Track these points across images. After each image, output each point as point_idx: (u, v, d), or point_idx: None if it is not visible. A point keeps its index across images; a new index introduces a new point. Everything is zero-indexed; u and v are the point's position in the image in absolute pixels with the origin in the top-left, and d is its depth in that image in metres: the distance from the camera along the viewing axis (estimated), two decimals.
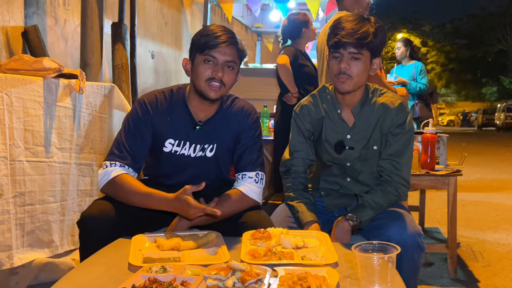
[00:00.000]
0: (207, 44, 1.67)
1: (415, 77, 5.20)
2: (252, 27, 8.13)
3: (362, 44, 1.69)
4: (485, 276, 2.88)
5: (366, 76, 1.77)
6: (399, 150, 1.79)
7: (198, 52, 1.70)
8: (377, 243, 1.27)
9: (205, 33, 1.69)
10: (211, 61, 1.68)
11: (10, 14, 2.84)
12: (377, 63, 1.77)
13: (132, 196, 1.65)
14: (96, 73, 3.28)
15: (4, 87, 2.10)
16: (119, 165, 1.69)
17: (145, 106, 1.77)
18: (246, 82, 4.61)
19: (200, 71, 1.69)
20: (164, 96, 1.80)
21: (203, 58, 1.69)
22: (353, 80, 1.72)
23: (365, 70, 1.74)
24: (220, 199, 1.72)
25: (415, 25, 41.94)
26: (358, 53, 1.70)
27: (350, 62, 1.71)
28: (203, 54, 1.68)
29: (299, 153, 1.91)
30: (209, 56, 1.68)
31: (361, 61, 1.71)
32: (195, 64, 1.71)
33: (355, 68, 1.71)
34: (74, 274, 1.33)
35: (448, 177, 2.76)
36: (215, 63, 1.68)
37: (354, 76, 1.72)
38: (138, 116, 1.76)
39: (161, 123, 1.76)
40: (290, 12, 4.06)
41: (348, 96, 1.80)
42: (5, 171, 2.10)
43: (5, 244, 2.12)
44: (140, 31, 4.53)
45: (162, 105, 1.78)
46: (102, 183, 1.69)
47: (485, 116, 31.36)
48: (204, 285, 1.18)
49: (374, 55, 1.74)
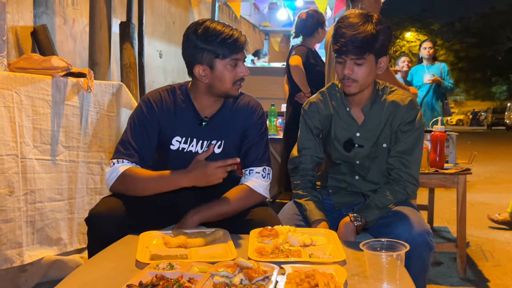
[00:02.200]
0: (230, 49, 1.65)
1: (443, 77, 5.40)
2: (259, 26, 8.13)
3: (363, 50, 1.67)
4: (495, 275, 2.85)
5: (373, 77, 1.76)
6: (408, 147, 1.78)
7: (219, 58, 1.67)
8: (386, 241, 1.26)
9: (219, 37, 1.64)
10: (234, 64, 1.68)
11: (19, 14, 2.85)
12: (384, 61, 1.75)
13: (145, 183, 1.64)
14: (104, 72, 3.29)
15: (14, 86, 2.12)
16: (126, 162, 1.69)
17: (150, 103, 1.76)
18: (254, 81, 4.60)
19: (226, 75, 1.69)
20: (167, 93, 1.80)
21: (227, 63, 1.67)
22: (358, 83, 1.72)
23: (371, 72, 1.73)
24: (227, 195, 1.72)
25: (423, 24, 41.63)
26: (361, 59, 1.68)
27: (354, 67, 1.69)
28: (228, 59, 1.67)
29: (308, 150, 1.90)
30: (234, 61, 1.68)
31: (365, 65, 1.70)
32: (216, 70, 1.68)
33: (359, 72, 1.70)
34: (82, 271, 1.34)
35: (457, 176, 2.74)
36: (238, 64, 1.69)
37: (360, 79, 1.71)
38: (144, 114, 1.76)
39: (167, 120, 1.76)
40: (309, 8, 4.01)
41: (357, 95, 1.79)
42: (16, 169, 2.12)
43: (16, 241, 2.13)
44: (148, 30, 4.54)
45: (167, 103, 1.78)
46: (111, 180, 1.68)
47: (495, 115, 31.05)
48: (211, 282, 1.17)
49: (379, 55, 1.72)
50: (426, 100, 5.48)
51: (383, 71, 1.77)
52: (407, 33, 40.01)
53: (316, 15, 3.81)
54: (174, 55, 5.40)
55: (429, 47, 5.53)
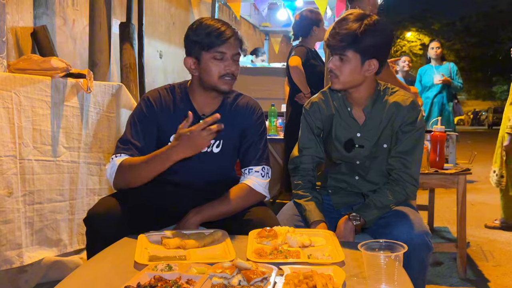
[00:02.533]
0: (214, 41, 1.67)
1: (452, 77, 5.45)
2: (259, 26, 8.13)
3: (343, 46, 1.68)
4: (495, 275, 2.85)
5: (358, 77, 1.74)
6: (409, 148, 1.78)
7: (204, 50, 1.70)
8: (384, 242, 1.26)
9: (207, 30, 1.69)
10: (220, 57, 1.69)
11: (19, 14, 2.85)
12: (374, 64, 1.72)
13: (140, 168, 1.63)
14: (104, 72, 3.29)
15: (13, 87, 2.12)
16: (123, 155, 1.69)
17: (149, 102, 1.78)
18: (254, 81, 4.61)
19: (211, 68, 1.70)
20: (166, 92, 1.81)
21: (212, 55, 1.69)
22: (339, 79, 1.73)
23: (354, 71, 1.72)
24: (227, 194, 1.72)
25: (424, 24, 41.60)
26: (342, 55, 1.71)
27: (337, 62, 1.72)
28: (212, 51, 1.69)
29: (308, 150, 1.90)
30: (217, 53, 1.68)
31: (347, 62, 1.71)
32: (203, 62, 1.71)
33: (342, 68, 1.72)
34: (81, 271, 1.34)
35: (457, 176, 2.74)
36: (224, 58, 1.69)
37: (340, 75, 1.73)
38: (143, 112, 1.77)
39: (165, 118, 1.77)
40: (305, 8, 4.02)
41: (354, 94, 1.80)
42: (14, 170, 2.12)
43: (15, 243, 2.13)
44: (148, 31, 4.53)
45: (166, 101, 1.79)
46: (111, 175, 1.68)
47: (496, 115, 30.95)
48: (210, 283, 1.17)
49: (365, 56, 1.70)
50: (437, 101, 5.47)
51: (371, 74, 1.75)
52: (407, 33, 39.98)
53: (310, 14, 3.81)
54: (174, 55, 5.40)
55: (436, 47, 5.56)
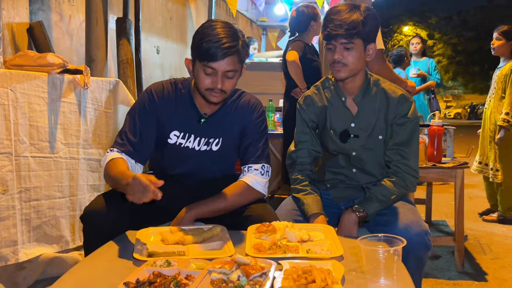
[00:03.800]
0: (206, 54, 1.59)
1: (430, 72, 5.55)
2: (257, 21, 8.10)
3: (352, 34, 1.71)
4: (493, 268, 2.86)
5: (362, 63, 1.79)
6: (405, 139, 1.80)
7: (198, 58, 1.64)
8: (383, 236, 1.26)
9: (206, 38, 1.59)
10: (210, 73, 1.62)
11: (15, 10, 2.84)
12: (372, 48, 1.79)
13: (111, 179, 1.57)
14: (101, 68, 3.28)
15: (9, 83, 2.11)
16: (116, 150, 1.68)
17: (152, 95, 1.76)
18: (252, 76, 4.59)
19: (200, 78, 1.65)
20: (170, 86, 1.79)
21: (203, 68, 1.62)
22: (348, 67, 1.75)
23: (360, 57, 1.76)
24: (224, 191, 1.72)
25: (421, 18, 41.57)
26: (349, 43, 1.72)
27: (343, 52, 1.74)
28: (203, 64, 1.62)
29: (304, 144, 1.91)
30: (208, 68, 1.61)
31: (354, 50, 1.74)
32: (195, 69, 1.67)
33: (349, 56, 1.74)
34: (79, 268, 1.34)
35: (455, 170, 2.75)
36: (214, 74, 1.62)
37: (349, 63, 1.74)
38: (144, 106, 1.75)
39: (167, 113, 1.75)
40: (300, 4, 4.01)
41: (349, 84, 1.81)
42: (9, 167, 2.11)
43: (10, 240, 2.13)
44: (145, 26, 4.52)
45: (169, 95, 1.77)
46: (102, 169, 1.67)
47: None
48: (209, 278, 1.17)
49: (367, 41, 1.76)
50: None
51: (371, 58, 1.80)
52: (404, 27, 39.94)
53: (307, 9, 3.80)
54: (171, 51, 5.38)
55: (416, 43, 5.69)
